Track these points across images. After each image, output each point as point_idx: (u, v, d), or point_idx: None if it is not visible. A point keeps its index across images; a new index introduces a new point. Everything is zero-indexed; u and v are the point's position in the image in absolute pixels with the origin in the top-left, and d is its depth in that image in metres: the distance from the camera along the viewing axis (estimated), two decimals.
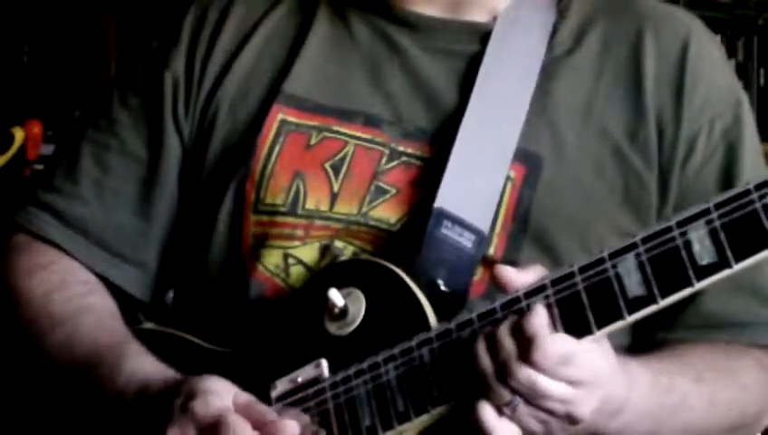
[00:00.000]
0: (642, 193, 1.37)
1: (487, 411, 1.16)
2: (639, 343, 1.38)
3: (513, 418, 1.15)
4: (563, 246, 1.34)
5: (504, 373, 1.15)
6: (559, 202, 1.35)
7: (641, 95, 1.39)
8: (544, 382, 1.14)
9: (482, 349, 1.17)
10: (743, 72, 3.14)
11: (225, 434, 1.17)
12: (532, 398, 1.14)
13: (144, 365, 1.30)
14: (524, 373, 1.14)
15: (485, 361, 1.16)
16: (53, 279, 1.43)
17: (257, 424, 1.19)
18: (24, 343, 1.41)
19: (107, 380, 1.30)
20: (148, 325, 1.42)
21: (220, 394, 1.21)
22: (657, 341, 1.38)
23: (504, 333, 1.16)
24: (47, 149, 2.96)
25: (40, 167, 2.78)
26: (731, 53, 3.17)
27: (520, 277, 1.20)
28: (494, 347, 1.16)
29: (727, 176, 1.38)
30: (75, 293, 1.42)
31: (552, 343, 1.14)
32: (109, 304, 1.43)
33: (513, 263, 1.32)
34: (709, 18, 3.18)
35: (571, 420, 1.16)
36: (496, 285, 1.22)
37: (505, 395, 1.15)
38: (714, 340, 1.37)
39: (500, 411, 1.15)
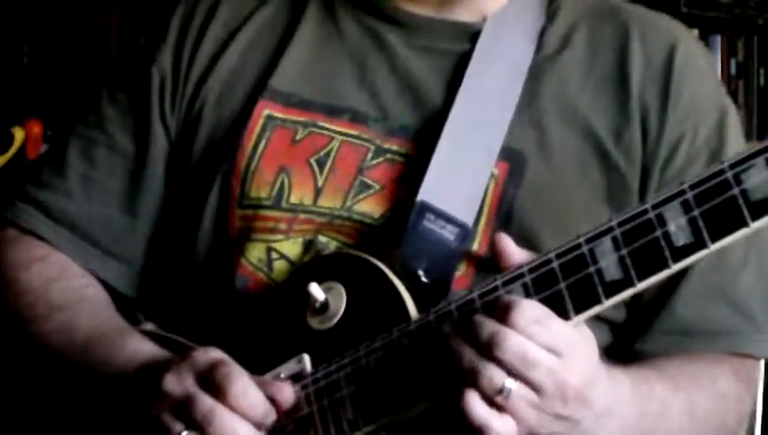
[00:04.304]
0: (625, 194, 1.37)
1: (476, 402, 1.11)
2: (619, 345, 1.38)
3: (508, 408, 1.11)
4: (547, 245, 1.31)
5: (489, 349, 1.10)
6: (542, 200, 1.35)
7: (627, 98, 1.39)
8: (531, 347, 1.10)
9: (458, 341, 1.13)
10: (743, 72, 3.13)
11: (221, 375, 1.19)
12: (522, 369, 1.10)
13: (146, 346, 1.32)
14: (512, 339, 1.10)
15: (465, 348, 1.12)
16: (52, 270, 1.44)
17: (255, 381, 1.20)
18: (19, 330, 1.41)
19: (108, 359, 1.31)
20: (149, 326, 1.42)
21: (220, 353, 1.22)
22: (635, 352, 1.37)
23: (478, 316, 1.14)
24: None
25: None
26: (731, 52, 3.15)
27: (518, 252, 1.18)
28: (472, 331, 1.13)
29: None
30: (74, 283, 1.44)
31: (528, 304, 1.12)
32: (105, 297, 1.45)
33: None
34: (709, 18, 3.18)
35: (562, 395, 1.12)
36: (492, 253, 1.19)
37: (496, 377, 1.10)
38: (689, 348, 1.36)
39: (492, 403, 1.11)
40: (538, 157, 1.36)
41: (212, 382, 1.19)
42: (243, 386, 1.19)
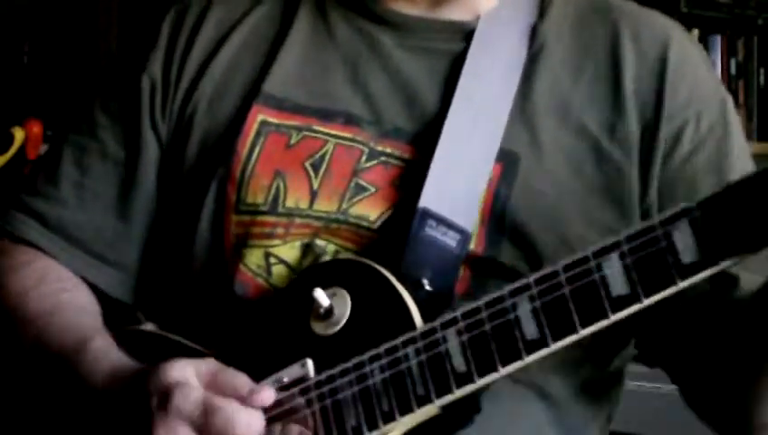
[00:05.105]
0: (624, 186, 1.36)
1: None
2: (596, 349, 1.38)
3: None
4: (543, 245, 1.33)
5: None
6: (535, 200, 1.34)
7: (621, 93, 1.39)
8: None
9: None
10: (743, 72, 3.13)
11: (219, 420, 1.18)
12: None
13: (106, 357, 1.31)
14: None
15: None
16: (31, 276, 1.44)
17: (236, 396, 1.20)
18: (5, 338, 1.41)
19: (71, 372, 1.31)
20: (149, 326, 1.42)
21: (189, 382, 1.21)
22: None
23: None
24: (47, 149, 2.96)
25: None
26: (731, 52, 3.16)
27: None
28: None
29: (718, 168, 1.37)
30: (50, 290, 1.42)
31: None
32: (83, 301, 1.43)
33: (494, 260, 1.33)
34: (709, 18, 3.18)
35: None
36: None
37: None
38: None
39: None
40: (530, 156, 1.36)
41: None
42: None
